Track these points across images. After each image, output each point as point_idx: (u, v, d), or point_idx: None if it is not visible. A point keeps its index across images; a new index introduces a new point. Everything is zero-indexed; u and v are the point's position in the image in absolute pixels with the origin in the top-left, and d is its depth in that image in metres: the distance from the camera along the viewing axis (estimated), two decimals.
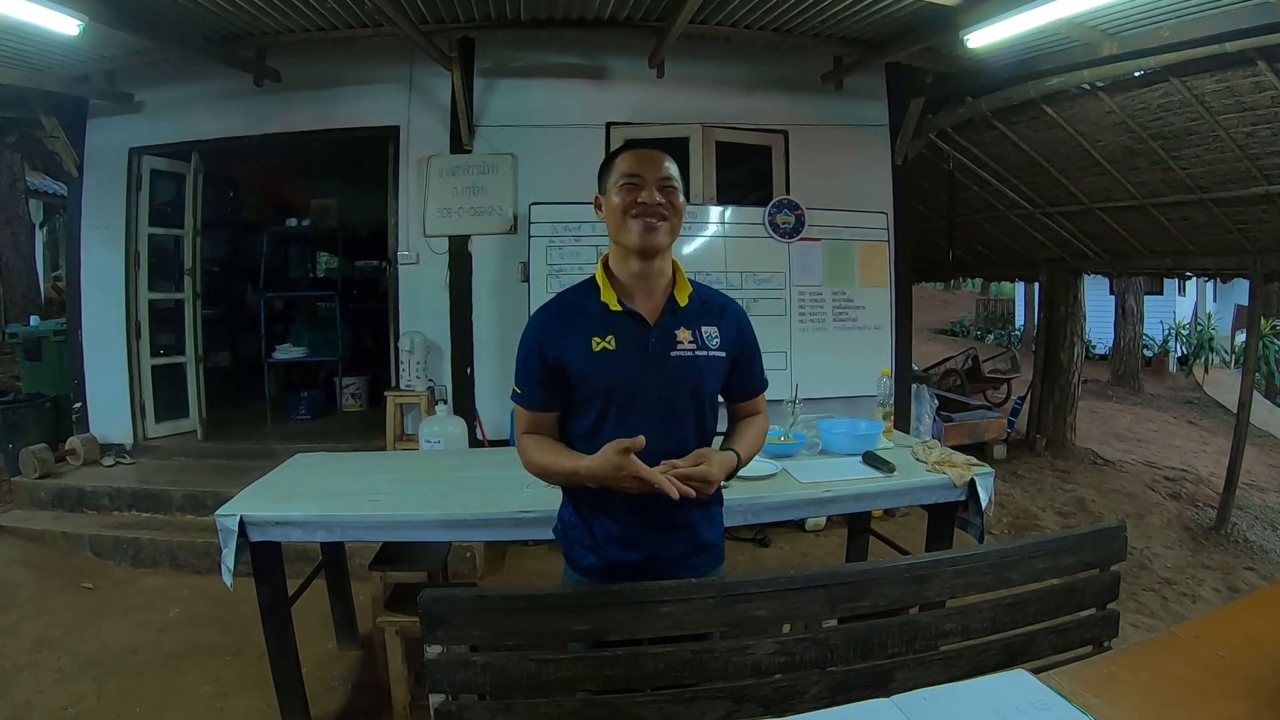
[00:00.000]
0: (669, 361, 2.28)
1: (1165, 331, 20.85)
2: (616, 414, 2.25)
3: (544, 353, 2.27)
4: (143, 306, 7.25)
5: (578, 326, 2.28)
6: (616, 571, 2.32)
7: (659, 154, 2.31)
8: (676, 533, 2.37)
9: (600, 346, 2.24)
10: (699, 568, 2.43)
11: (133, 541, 5.88)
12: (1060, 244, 9.51)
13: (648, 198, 2.21)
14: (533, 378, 2.30)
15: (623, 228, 2.25)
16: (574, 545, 2.42)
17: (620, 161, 2.29)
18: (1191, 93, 5.74)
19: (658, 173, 2.25)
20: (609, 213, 2.29)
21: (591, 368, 2.24)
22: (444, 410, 5.95)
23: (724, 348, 2.37)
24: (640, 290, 2.33)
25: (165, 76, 6.72)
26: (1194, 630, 2.38)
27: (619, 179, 2.25)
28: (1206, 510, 8.14)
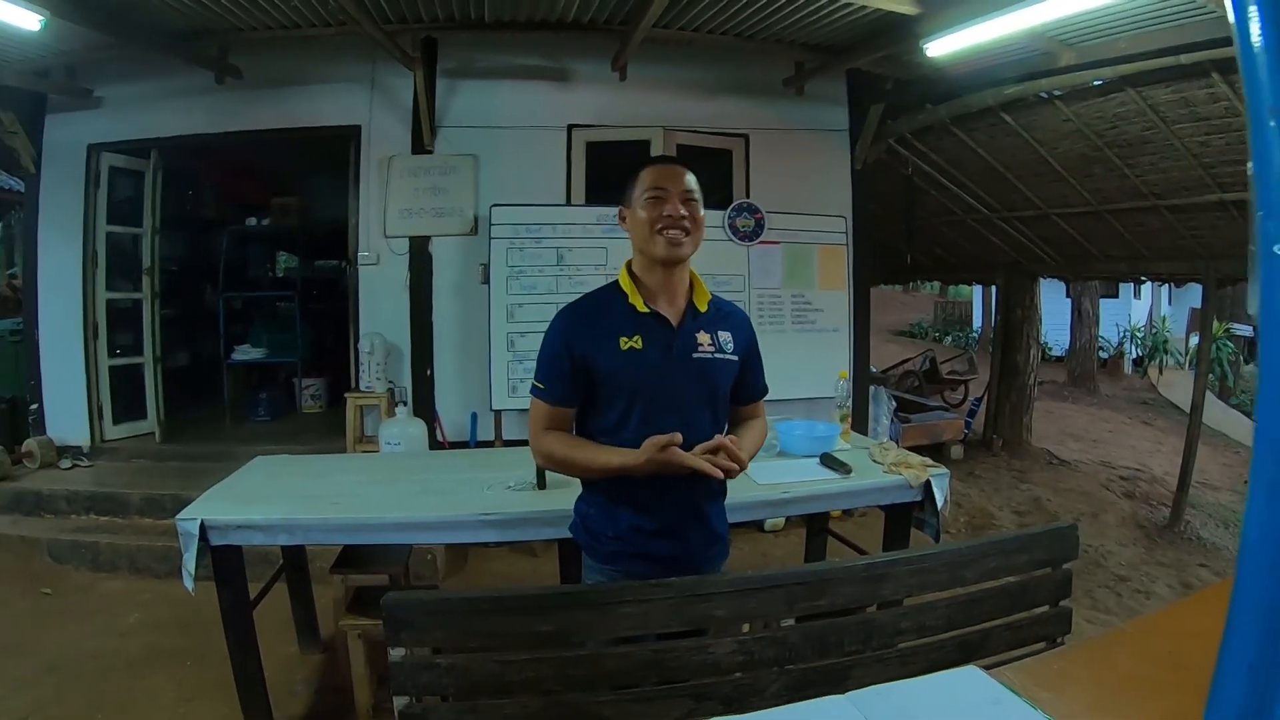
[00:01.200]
0: (690, 363, 2.40)
1: (1121, 334, 21.16)
2: (640, 411, 2.35)
3: (572, 350, 2.35)
4: (100, 306, 7.13)
5: (606, 325, 2.38)
6: (647, 561, 2.41)
7: (680, 168, 2.43)
8: (699, 524, 2.49)
9: (628, 346, 2.35)
10: (715, 558, 2.57)
11: (91, 546, 5.79)
12: (1017, 248, 9.62)
13: (673, 210, 2.33)
14: (559, 374, 2.36)
15: (650, 240, 2.36)
16: (598, 537, 2.48)
17: (645, 176, 2.40)
18: (1147, 103, 5.84)
19: (680, 185, 2.37)
20: (635, 225, 2.40)
21: (619, 366, 2.34)
22: (404, 412, 5.93)
23: (737, 352, 2.51)
24: (664, 295, 2.44)
25: (126, 72, 6.64)
26: (1144, 626, 2.43)
27: (644, 193, 2.37)
28: (1160, 508, 8.26)
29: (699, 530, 2.49)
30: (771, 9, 5.83)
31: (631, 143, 6.99)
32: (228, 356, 8.58)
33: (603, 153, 7.07)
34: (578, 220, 6.47)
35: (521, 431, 6.37)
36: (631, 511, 2.41)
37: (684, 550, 2.45)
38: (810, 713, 1.79)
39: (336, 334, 9.26)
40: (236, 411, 8.53)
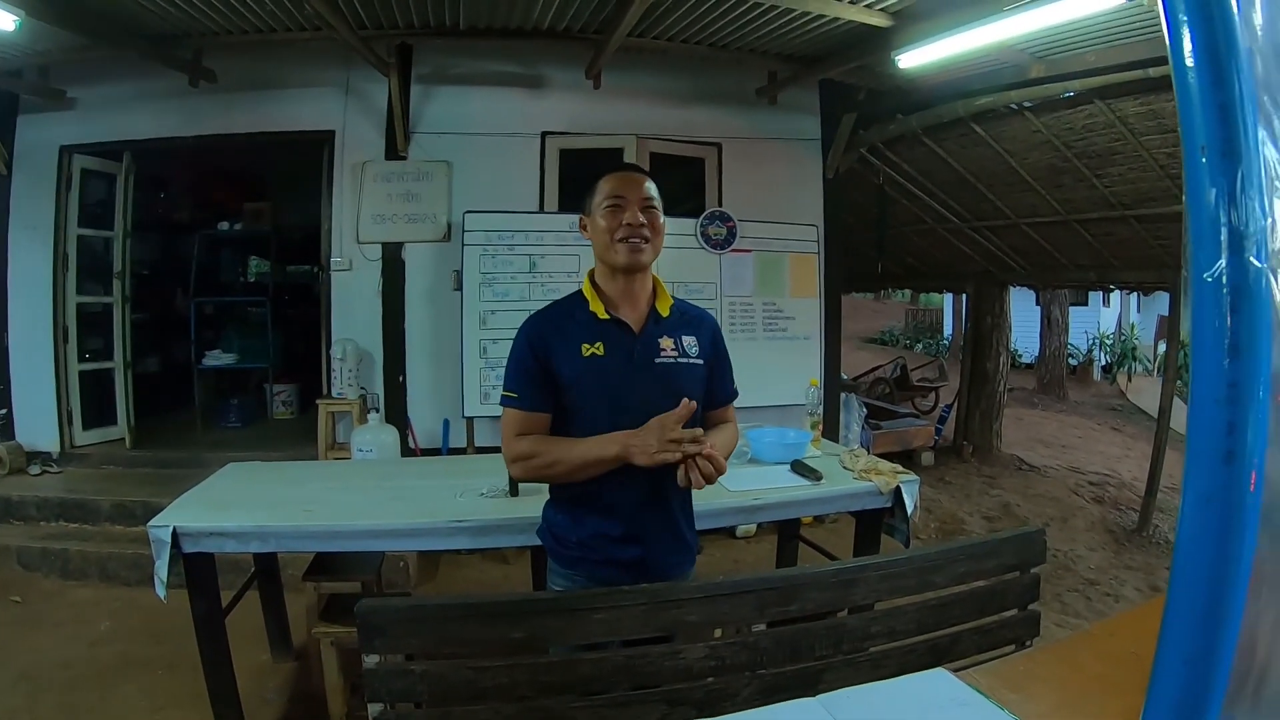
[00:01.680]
0: (653, 368, 2.40)
1: (1090, 341, 21.35)
2: (605, 418, 2.32)
3: (537, 356, 2.35)
4: (71, 310, 7.06)
5: (568, 332, 2.38)
6: (612, 567, 2.40)
7: (640, 175, 2.46)
8: (665, 530, 2.48)
9: (589, 352, 2.36)
10: (680, 565, 2.55)
11: (61, 553, 5.74)
12: (987, 257, 9.71)
13: (631, 218, 2.35)
14: (529, 380, 2.36)
15: (610, 248, 2.38)
16: (563, 543, 2.48)
17: (603, 184, 2.42)
18: (1115, 114, 5.92)
19: (639, 193, 2.39)
20: (595, 233, 2.42)
21: (581, 373, 2.34)
22: (376, 419, 5.89)
23: (702, 356, 2.52)
24: (626, 302, 2.45)
25: (99, 74, 6.57)
26: (1109, 628, 2.48)
27: (603, 201, 2.39)
28: (1129, 513, 8.33)
29: (665, 537, 2.49)
30: (745, 20, 5.87)
31: (605, 150, 7.02)
32: (199, 362, 8.47)
33: (576, 160, 7.08)
34: (550, 227, 6.49)
35: (494, 438, 6.36)
36: (597, 517, 2.41)
37: (649, 557, 2.44)
38: (781, 716, 1.82)
39: (308, 340, 9.18)
40: (207, 417, 8.43)
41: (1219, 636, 0.64)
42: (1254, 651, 0.70)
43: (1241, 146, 0.61)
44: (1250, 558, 0.63)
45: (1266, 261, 0.61)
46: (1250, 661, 0.69)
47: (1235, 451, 0.62)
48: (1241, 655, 0.65)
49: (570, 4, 5.79)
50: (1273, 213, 0.63)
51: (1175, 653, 0.66)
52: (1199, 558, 0.64)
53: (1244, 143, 0.61)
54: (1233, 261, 0.61)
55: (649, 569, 2.43)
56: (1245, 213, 0.60)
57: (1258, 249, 0.61)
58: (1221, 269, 0.61)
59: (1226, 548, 0.63)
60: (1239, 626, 0.64)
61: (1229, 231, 0.61)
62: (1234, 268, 0.61)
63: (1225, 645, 0.63)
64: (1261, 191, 0.61)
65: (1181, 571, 0.65)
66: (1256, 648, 0.70)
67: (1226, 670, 0.64)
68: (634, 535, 2.41)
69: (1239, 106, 0.61)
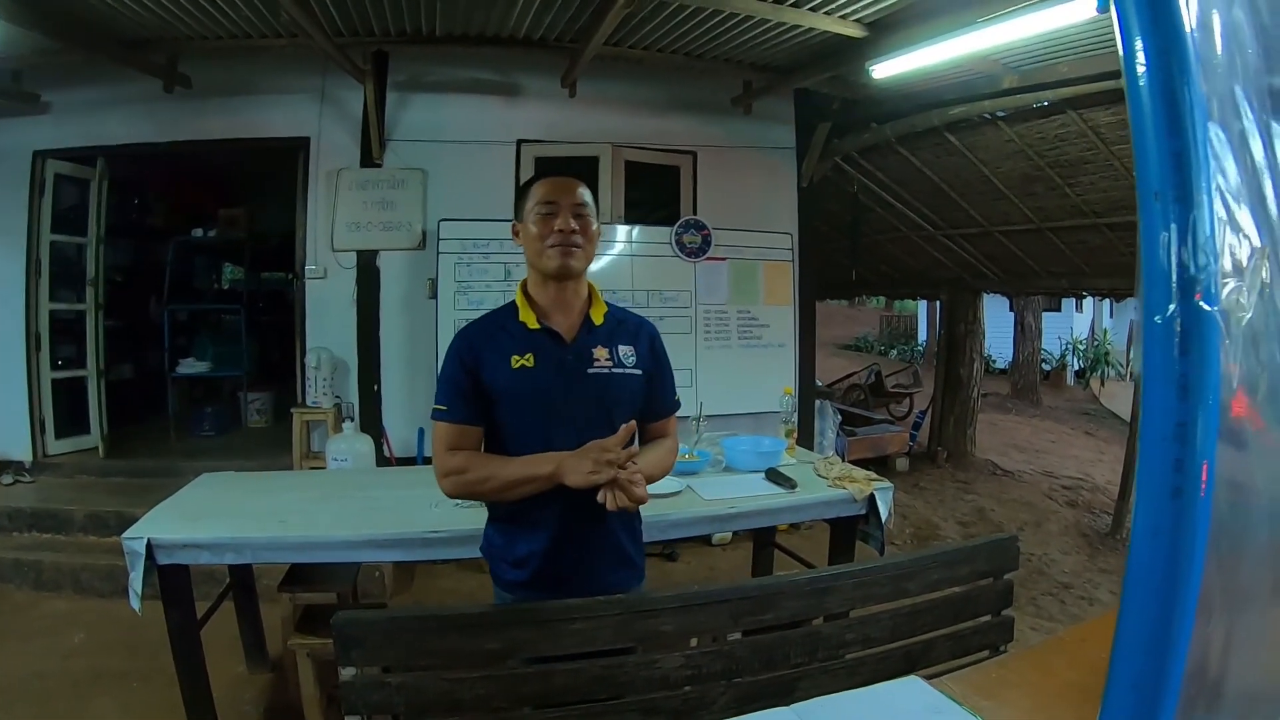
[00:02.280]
0: (586, 379, 2.34)
1: (1063, 346, 21.46)
2: (538, 431, 2.29)
3: (467, 369, 2.31)
4: (43, 317, 6.99)
5: (499, 344, 2.33)
6: (544, 586, 2.35)
7: (572, 180, 2.39)
8: (602, 547, 2.41)
9: (519, 364, 2.30)
10: (621, 583, 2.48)
11: (34, 564, 5.68)
12: (961, 264, 9.76)
13: (563, 224, 2.29)
14: (459, 393, 2.31)
15: (541, 254, 2.32)
16: (500, 563, 2.44)
17: (535, 189, 2.36)
18: (1087, 124, 5.98)
19: (571, 198, 2.33)
20: (527, 240, 2.37)
21: (511, 384, 2.29)
22: (351, 428, 5.88)
23: (639, 366, 2.45)
24: (557, 310, 2.40)
25: (74, 78, 6.53)
26: (1080, 634, 2.51)
27: (535, 206, 2.33)
28: (1102, 516, 8.40)
29: (605, 555, 2.44)
30: (720, 30, 5.90)
31: (581, 159, 7.03)
32: (172, 369, 8.42)
33: (552, 168, 6.97)
34: None
35: None
36: (533, 536, 2.36)
37: (589, 576, 2.40)
38: None
39: (283, 348, 9.13)
40: (181, 426, 8.37)
41: (1167, 662, 0.66)
42: (1204, 676, 0.72)
43: (1194, 192, 0.63)
44: (1197, 588, 0.65)
45: (1216, 305, 0.63)
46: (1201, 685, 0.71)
47: (1182, 488, 0.64)
48: (1191, 680, 0.67)
49: (547, 12, 5.79)
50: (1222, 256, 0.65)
51: (1124, 677, 0.68)
52: (1147, 589, 0.66)
53: (1197, 188, 0.63)
54: (1183, 305, 0.63)
55: (589, 588, 2.38)
56: (1197, 257, 0.63)
57: (1208, 293, 0.63)
58: (1173, 312, 0.63)
59: (1174, 579, 0.65)
60: (1186, 653, 0.66)
61: (1180, 275, 0.63)
62: (1184, 311, 0.63)
63: (1174, 670, 0.66)
64: (1213, 237, 0.63)
65: (1130, 600, 0.67)
66: (1207, 672, 0.73)
67: (1175, 695, 0.66)
68: (572, 555, 2.37)
69: (1193, 153, 0.63)
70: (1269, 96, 0.80)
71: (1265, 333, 0.73)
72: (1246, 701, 0.87)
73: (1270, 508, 0.81)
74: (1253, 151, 0.75)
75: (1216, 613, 0.71)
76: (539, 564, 2.36)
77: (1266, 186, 0.77)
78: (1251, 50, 0.78)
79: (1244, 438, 0.75)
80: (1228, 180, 0.68)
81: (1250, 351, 0.71)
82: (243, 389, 8.99)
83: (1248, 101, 0.76)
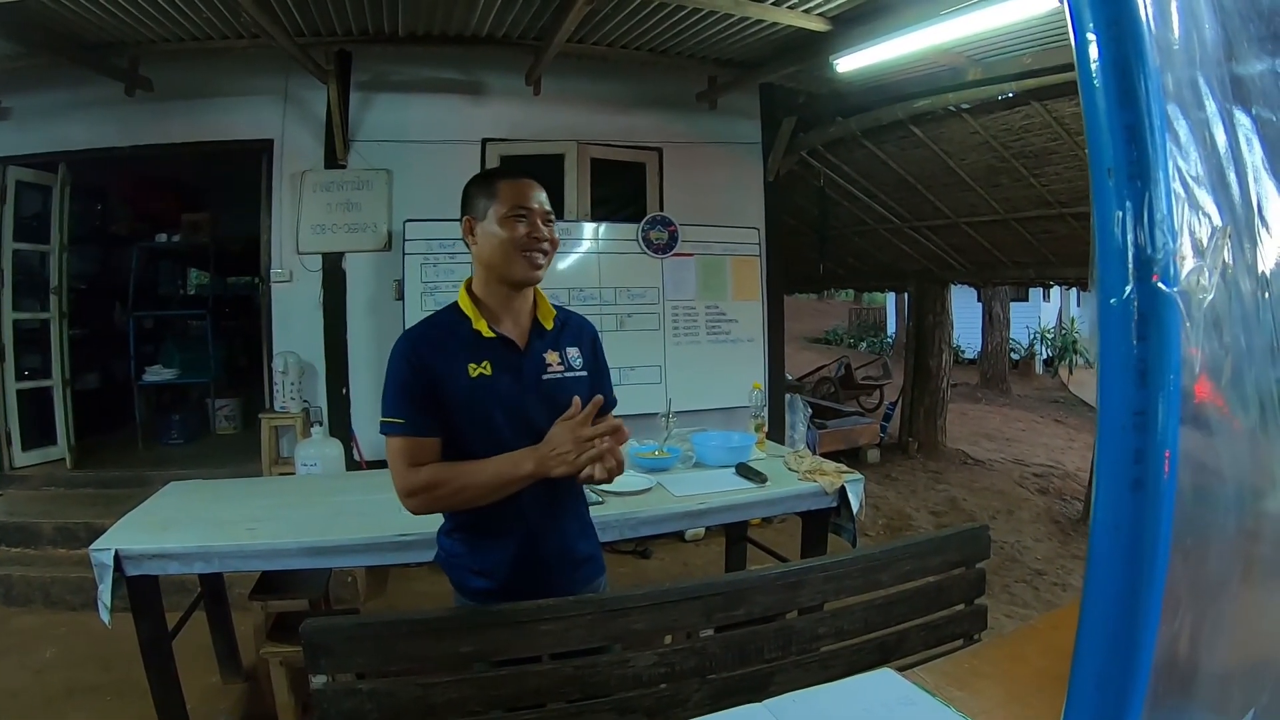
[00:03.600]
0: (542, 385, 2.31)
1: (1031, 336, 21.69)
2: (493, 440, 2.22)
3: (421, 376, 2.19)
4: (7, 327, 6.90)
5: (451, 352, 2.25)
6: (506, 592, 2.33)
7: (536, 184, 2.32)
8: (563, 545, 2.41)
9: (477, 373, 2.23)
10: (583, 580, 2.48)
11: (3, 579, 5.60)
12: (928, 256, 9.81)
13: (537, 232, 2.24)
14: (413, 404, 2.19)
15: (510, 260, 2.24)
16: (461, 571, 2.41)
17: (503, 190, 2.26)
18: (1052, 115, 6.01)
19: (541, 205, 2.28)
20: (490, 243, 2.26)
21: (469, 394, 2.21)
22: (320, 432, 5.83)
23: (585, 367, 2.43)
24: (508, 316, 2.34)
25: (34, 83, 6.41)
26: (1052, 621, 2.52)
27: (505, 210, 2.23)
28: (1074, 503, 8.48)
29: (565, 555, 2.43)
30: (684, 25, 5.90)
31: (546, 157, 7.02)
32: (139, 377, 8.33)
33: (517, 167, 7.04)
34: None
35: None
36: (493, 543, 2.34)
37: (552, 576, 2.39)
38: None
39: (250, 353, 9.09)
40: (149, 434, 8.28)
41: (1133, 661, 0.64)
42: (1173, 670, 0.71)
43: (1150, 169, 0.61)
44: (1162, 584, 0.63)
45: (1175, 286, 0.62)
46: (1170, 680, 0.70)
47: (1143, 480, 0.62)
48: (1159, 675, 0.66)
49: (509, 10, 5.77)
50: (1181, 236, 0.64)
51: (1088, 675, 0.67)
52: (1109, 586, 0.64)
53: (1153, 165, 0.61)
54: (1140, 287, 0.61)
55: (553, 588, 2.36)
56: (1153, 237, 0.61)
57: (1165, 273, 0.61)
58: (1129, 294, 0.61)
59: (1137, 575, 0.63)
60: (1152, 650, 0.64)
61: (1136, 256, 0.61)
62: (1141, 293, 0.61)
63: (1140, 669, 0.64)
64: (1170, 215, 0.62)
65: (1092, 597, 0.66)
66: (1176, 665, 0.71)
67: (1142, 692, 0.65)
68: (536, 557, 2.35)
69: (1147, 127, 0.61)
70: (1230, 84, 0.79)
71: (1228, 315, 0.72)
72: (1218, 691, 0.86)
73: (1237, 493, 0.80)
74: (1214, 135, 0.74)
75: (1184, 605, 0.69)
76: (507, 571, 2.33)
77: (1229, 171, 0.76)
78: (1212, 37, 0.77)
79: (1208, 423, 0.73)
80: (1186, 161, 0.66)
81: (1213, 334, 0.69)
82: (210, 395, 8.92)
83: (1208, 87, 0.74)
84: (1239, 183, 0.78)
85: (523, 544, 2.32)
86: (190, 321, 9.82)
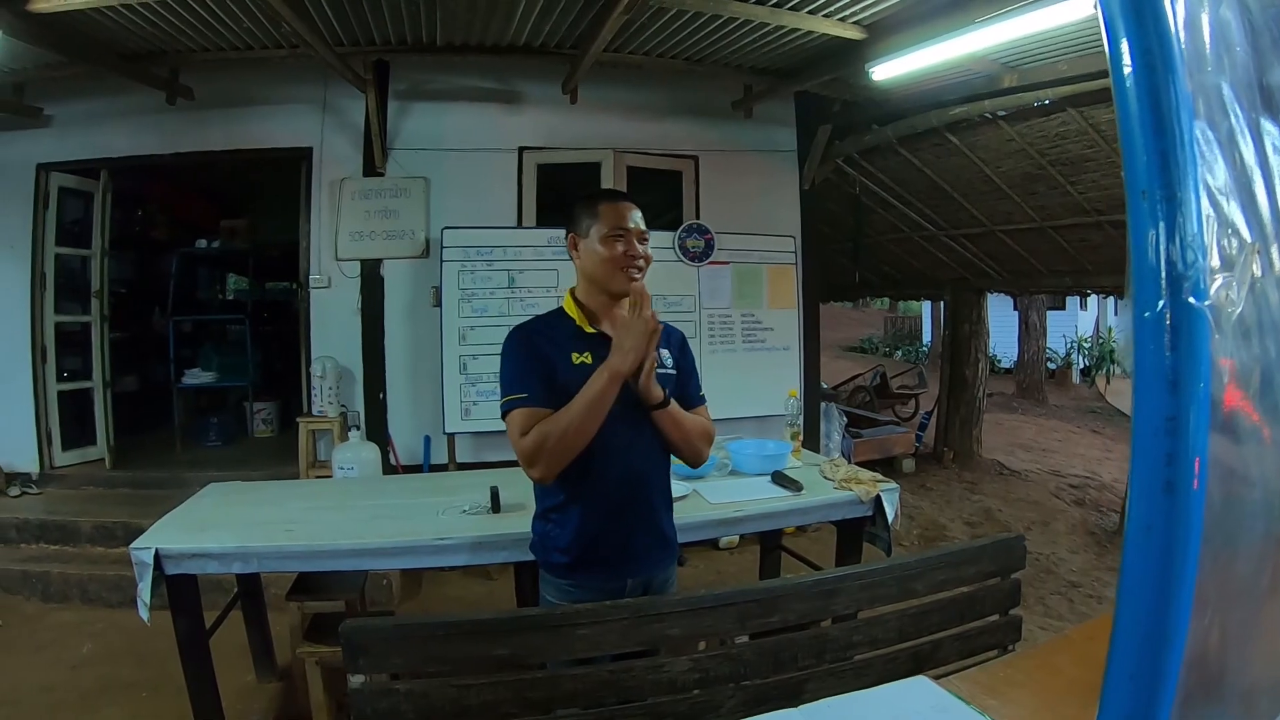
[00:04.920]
0: (635, 376, 2.42)
1: (1068, 345, 21.45)
2: None
3: (536, 355, 2.44)
4: (49, 329, 7.00)
5: (558, 342, 2.50)
6: (594, 566, 2.52)
7: (633, 205, 2.57)
8: (648, 527, 2.61)
9: (579, 360, 2.47)
10: (662, 562, 2.68)
11: (42, 575, 5.68)
12: (964, 264, 9.75)
13: (634, 250, 2.50)
14: (536, 378, 2.41)
15: (614, 276, 2.49)
16: (551, 552, 2.57)
17: (604, 211, 2.52)
18: (1088, 122, 5.96)
19: (637, 225, 2.54)
20: (592, 259, 2.52)
21: (573, 380, 2.39)
22: (357, 436, 5.87)
23: (674, 366, 2.68)
24: (607, 318, 2.59)
25: (76, 91, 6.55)
26: (1087, 632, 2.51)
27: (606, 230, 2.49)
28: (1110, 515, 8.36)
29: (646, 534, 2.60)
30: (720, 34, 5.91)
31: (583, 165, 7.06)
32: (178, 380, 8.44)
33: (554, 175, 7.12)
34: (529, 242, 6.52)
35: (475, 454, 6.39)
36: (581, 520, 2.49)
37: (635, 554, 2.56)
38: None
39: (287, 357, 9.17)
40: (187, 436, 8.39)
41: (1164, 655, 0.66)
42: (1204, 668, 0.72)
43: (1181, 190, 0.64)
44: (1193, 581, 0.65)
45: (1205, 300, 0.64)
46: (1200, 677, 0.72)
47: (1174, 482, 0.65)
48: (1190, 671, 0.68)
49: (546, 20, 5.80)
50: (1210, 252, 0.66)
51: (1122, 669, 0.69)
52: (1142, 584, 0.66)
53: (1184, 186, 0.64)
54: (1172, 301, 0.63)
55: (635, 567, 2.56)
56: (1184, 255, 0.63)
57: (1196, 290, 0.64)
58: (1161, 308, 0.64)
59: (1169, 574, 0.65)
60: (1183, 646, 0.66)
61: (1168, 272, 0.63)
62: (1173, 307, 0.64)
63: (1171, 662, 0.66)
64: (1201, 235, 0.64)
65: (1126, 595, 0.68)
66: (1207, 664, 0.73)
67: (1173, 687, 0.67)
68: (615, 535, 2.52)
69: (1179, 152, 0.64)
70: (1258, 94, 0.81)
71: (1256, 326, 0.74)
72: (1247, 693, 0.87)
73: (1265, 500, 0.82)
74: (1241, 149, 0.76)
75: (1214, 606, 0.71)
76: (585, 545, 2.51)
77: (1256, 183, 0.78)
78: (1240, 49, 0.79)
79: (1238, 431, 0.76)
80: (1215, 177, 0.69)
81: (1242, 345, 0.72)
82: (248, 399, 9.01)
83: (1236, 100, 0.77)
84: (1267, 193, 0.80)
85: (603, 521, 2.51)
86: (229, 326, 9.94)
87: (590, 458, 2.40)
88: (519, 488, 3.27)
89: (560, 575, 2.55)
